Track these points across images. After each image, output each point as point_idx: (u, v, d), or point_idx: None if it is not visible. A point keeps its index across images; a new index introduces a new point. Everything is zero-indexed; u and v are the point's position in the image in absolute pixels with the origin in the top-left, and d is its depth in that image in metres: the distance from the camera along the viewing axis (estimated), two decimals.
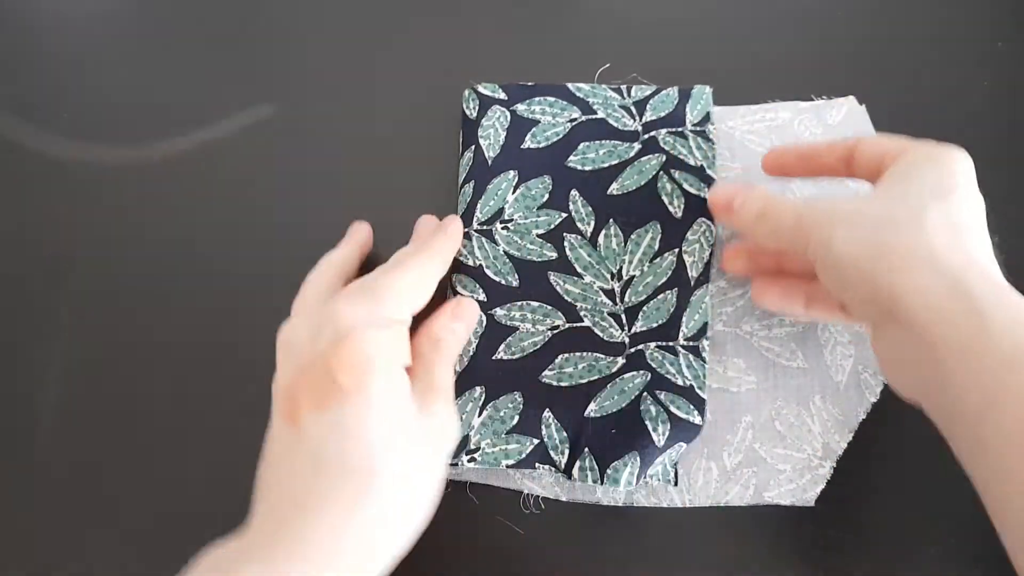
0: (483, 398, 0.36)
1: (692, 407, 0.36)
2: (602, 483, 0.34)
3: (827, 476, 0.36)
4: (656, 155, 0.40)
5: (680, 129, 0.41)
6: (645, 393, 0.35)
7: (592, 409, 0.36)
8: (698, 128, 0.42)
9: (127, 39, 0.48)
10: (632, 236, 0.39)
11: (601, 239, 0.39)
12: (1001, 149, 0.43)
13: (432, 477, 0.30)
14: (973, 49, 0.46)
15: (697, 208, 0.40)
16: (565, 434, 0.35)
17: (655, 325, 0.37)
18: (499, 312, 0.38)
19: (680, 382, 0.36)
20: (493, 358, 0.37)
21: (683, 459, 0.37)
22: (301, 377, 0.29)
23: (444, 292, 0.40)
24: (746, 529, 0.36)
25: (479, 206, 0.40)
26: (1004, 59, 0.45)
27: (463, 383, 0.36)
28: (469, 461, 0.35)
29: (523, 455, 0.35)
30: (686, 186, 0.40)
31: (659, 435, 0.35)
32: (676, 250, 0.39)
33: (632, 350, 0.37)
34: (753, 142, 0.44)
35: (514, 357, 0.37)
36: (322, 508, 0.27)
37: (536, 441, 0.35)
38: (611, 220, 0.39)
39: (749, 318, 0.40)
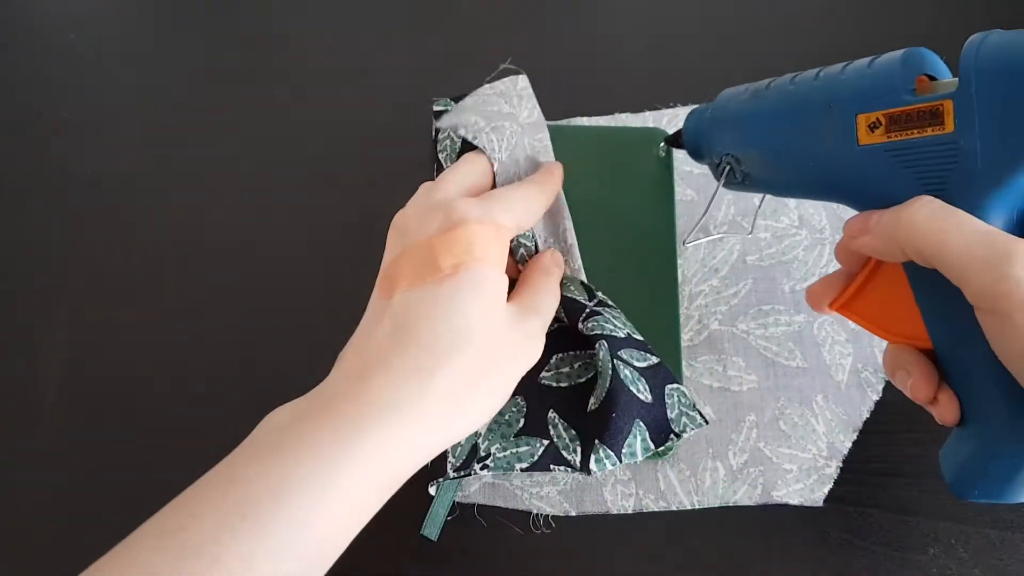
0: None
1: (641, 352, 0.35)
2: (620, 462, 0.33)
3: (834, 476, 0.36)
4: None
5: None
6: (615, 363, 0.34)
7: (592, 404, 0.35)
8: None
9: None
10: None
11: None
12: None
13: (506, 378, 0.30)
14: None
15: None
16: (574, 432, 0.35)
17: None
18: None
19: (619, 334, 0.35)
20: None
21: (689, 460, 0.37)
22: (403, 256, 0.31)
23: None
24: (750, 530, 0.36)
25: None
26: None
27: None
28: (482, 469, 0.34)
29: (536, 457, 0.34)
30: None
31: (642, 391, 0.34)
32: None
33: (590, 324, 0.36)
34: None
35: None
36: (404, 366, 0.28)
37: (546, 442, 0.35)
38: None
39: (744, 317, 0.40)
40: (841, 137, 0.30)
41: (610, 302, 0.36)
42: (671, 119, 0.45)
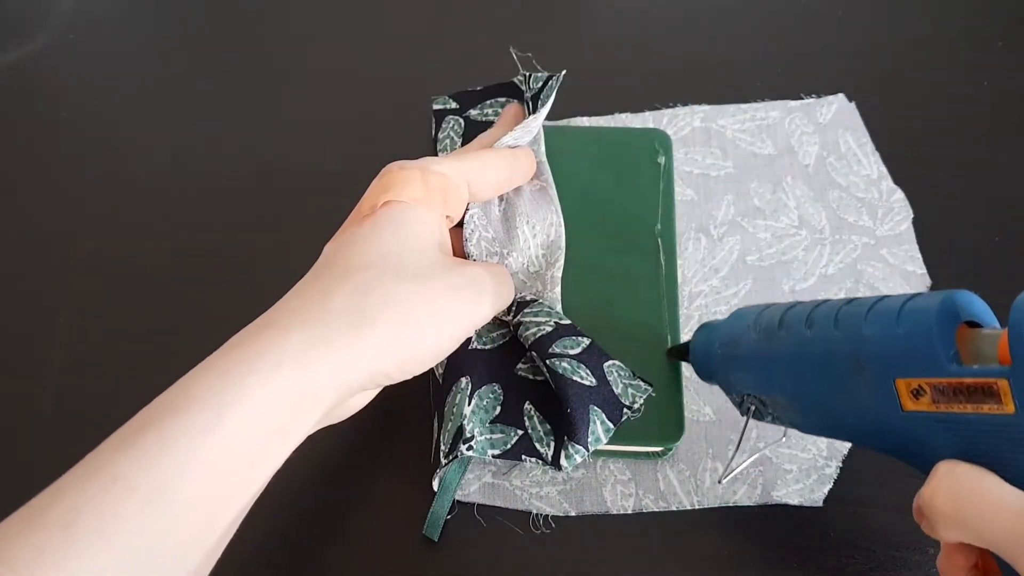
0: (469, 387, 0.35)
1: (572, 338, 0.35)
2: (589, 451, 0.33)
3: (834, 476, 0.36)
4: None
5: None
6: (549, 363, 0.34)
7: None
8: None
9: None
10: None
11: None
12: (1000, 149, 0.44)
13: (436, 312, 0.30)
14: (973, 49, 0.46)
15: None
16: (549, 427, 0.35)
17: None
18: None
19: (547, 328, 0.35)
20: (469, 348, 0.36)
21: (689, 460, 0.37)
22: None
23: None
24: (750, 530, 0.36)
25: None
26: (1004, 59, 0.46)
27: (450, 376, 0.36)
28: (468, 450, 0.34)
29: (508, 445, 0.34)
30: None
31: (585, 377, 0.34)
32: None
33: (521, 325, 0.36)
34: (744, 141, 0.44)
35: (487, 347, 0.36)
36: (311, 289, 0.28)
37: (520, 432, 0.35)
38: None
39: None
40: (881, 400, 0.26)
41: (528, 297, 0.36)
42: (671, 119, 0.45)
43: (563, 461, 0.33)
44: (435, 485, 0.35)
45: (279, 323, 0.27)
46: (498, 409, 0.35)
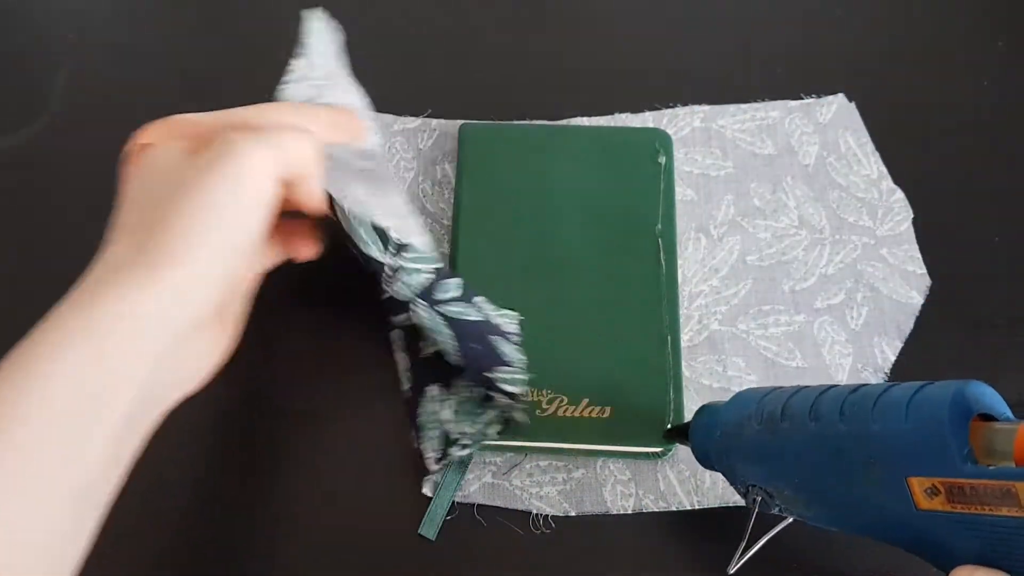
0: (441, 393, 0.36)
1: (449, 280, 0.35)
2: (520, 366, 0.34)
3: None
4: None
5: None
6: (439, 308, 0.34)
7: (455, 358, 0.35)
8: None
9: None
10: None
11: None
12: (1000, 149, 0.44)
13: (201, 196, 0.29)
14: (973, 49, 0.46)
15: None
16: (481, 389, 0.35)
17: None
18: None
19: (425, 276, 0.34)
20: (422, 356, 0.37)
21: (689, 460, 0.37)
22: None
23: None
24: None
25: None
26: (1004, 59, 0.46)
27: (417, 386, 0.37)
28: (461, 450, 0.35)
29: (498, 409, 0.35)
30: None
31: (472, 314, 0.34)
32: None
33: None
34: (744, 141, 0.44)
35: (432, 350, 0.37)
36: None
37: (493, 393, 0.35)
38: None
39: (744, 317, 0.40)
40: (893, 497, 0.25)
41: (404, 241, 0.34)
42: (671, 119, 0.45)
43: (512, 388, 0.33)
44: (426, 491, 0.36)
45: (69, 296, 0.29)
46: (474, 391, 0.36)
